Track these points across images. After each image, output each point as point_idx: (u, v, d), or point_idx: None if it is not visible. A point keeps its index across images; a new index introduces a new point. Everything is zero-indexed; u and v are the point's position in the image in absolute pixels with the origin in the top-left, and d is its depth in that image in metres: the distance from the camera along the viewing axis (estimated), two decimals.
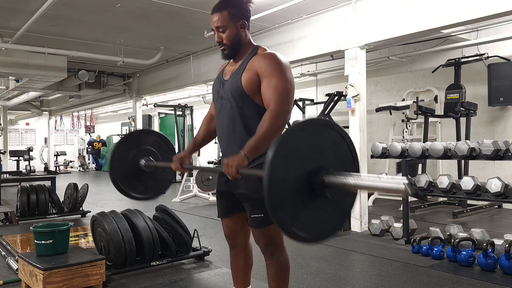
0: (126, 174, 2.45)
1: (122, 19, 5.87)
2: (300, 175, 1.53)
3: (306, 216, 1.55)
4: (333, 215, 1.63)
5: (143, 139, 2.52)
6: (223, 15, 1.96)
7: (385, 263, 3.59)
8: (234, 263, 2.27)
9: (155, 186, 2.54)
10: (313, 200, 1.55)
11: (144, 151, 2.47)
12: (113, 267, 3.21)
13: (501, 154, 3.59)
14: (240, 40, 2.01)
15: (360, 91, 4.81)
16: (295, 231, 1.52)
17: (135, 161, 2.43)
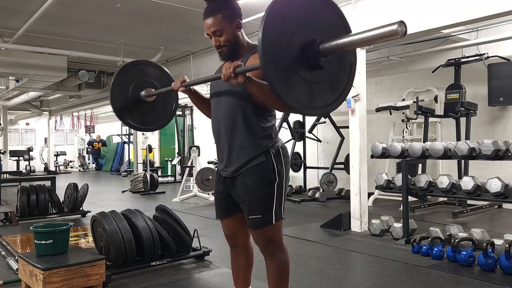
0: (126, 102, 2.46)
1: (122, 19, 5.87)
2: (295, 43, 1.52)
3: (299, 85, 1.55)
4: (326, 90, 1.64)
5: (145, 71, 2.54)
6: (217, 18, 1.94)
7: (385, 263, 3.59)
8: (235, 263, 2.27)
9: (155, 119, 2.57)
10: (308, 71, 1.55)
11: (146, 82, 2.49)
12: (113, 267, 3.21)
13: (501, 154, 3.59)
14: (238, 40, 2.00)
15: (360, 91, 4.81)
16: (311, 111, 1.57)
17: (136, 93, 2.44)
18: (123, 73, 2.49)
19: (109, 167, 16.28)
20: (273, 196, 1.96)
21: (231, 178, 2.05)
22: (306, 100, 1.57)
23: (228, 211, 2.15)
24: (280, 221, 2.02)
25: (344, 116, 7.44)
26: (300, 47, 1.54)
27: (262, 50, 1.46)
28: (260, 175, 1.96)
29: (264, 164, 1.97)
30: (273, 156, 1.99)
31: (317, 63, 1.56)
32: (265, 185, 1.97)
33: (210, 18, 1.96)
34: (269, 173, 1.97)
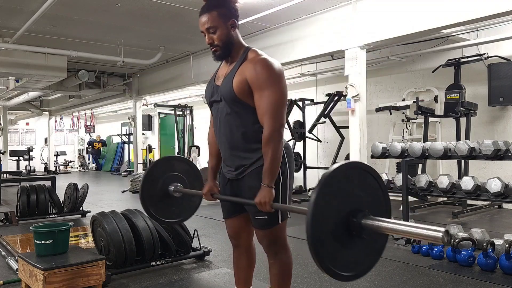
0: (157, 201, 2.54)
1: (122, 19, 5.87)
2: (340, 215, 1.58)
3: (343, 255, 1.61)
4: (366, 255, 1.68)
5: (171, 166, 2.63)
6: (212, 15, 1.93)
7: (385, 263, 3.59)
8: (237, 263, 2.27)
9: (184, 211, 2.65)
10: (349, 240, 1.61)
11: (172, 177, 2.58)
12: (113, 267, 3.21)
13: (501, 154, 3.59)
14: (232, 40, 1.98)
15: (360, 91, 4.81)
16: (333, 269, 1.59)
17: (164, 187, 2.53)
18: (153, 170, 2.57)
19: (109, 167, 16.28)
20: (278, 197, 1.96)
21: (236, 180, 2.06)
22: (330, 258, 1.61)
23: (233, 211, 2.16)
24: (285, 221, 2.04)
25: (344, 116, 7.44)
26: (345, 216, 1.59)
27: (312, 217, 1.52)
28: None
29: None
30: None
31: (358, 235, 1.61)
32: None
33: (205, 14, 1.95)
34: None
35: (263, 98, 1.88)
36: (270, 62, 1.90)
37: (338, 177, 1.59)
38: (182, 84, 8.79)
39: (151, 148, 10.62)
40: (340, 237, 1.59)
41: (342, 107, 7.08)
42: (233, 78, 1.93)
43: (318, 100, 8.58)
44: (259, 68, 1.88)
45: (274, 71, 1.89)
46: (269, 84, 1.87)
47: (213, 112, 2.12)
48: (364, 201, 1.63)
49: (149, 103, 11.69)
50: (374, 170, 1.70)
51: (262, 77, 1.87)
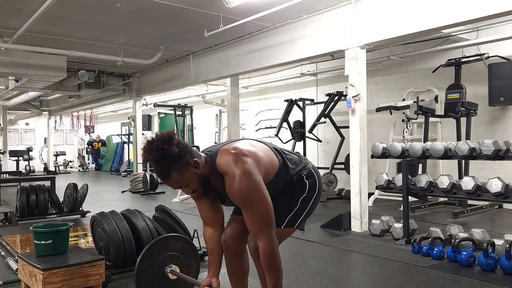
0: (152, 284, 2.61)
1: (122, 19, 5.86)
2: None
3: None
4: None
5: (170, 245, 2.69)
6: (174, 177, 1.87)
7: (385, 263, 3.59)
8: (231, 268, 2.26)
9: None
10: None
11: (169, 256, 2.66)
12: (112, 267, 3.20)
13: (502, 154, 3.58)
14: (204, 175, 1.94)
15: (360, 91, 4.81)
16: None
17: (159, 269, 2.61)
18: (149, 252, 2.60)
19: (109, 167, 16.27)
20: (294, 207, 2.07)
21: None
22: None
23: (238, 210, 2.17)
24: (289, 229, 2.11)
25: (344, 116, 7.43)
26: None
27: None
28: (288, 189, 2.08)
29: (294, 181, 2.10)
30: (305, 177, 2.12)
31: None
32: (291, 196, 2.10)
33: (168, 181, 1.89)
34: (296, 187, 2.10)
35: (252, 215, 1.90)
36: (240, 180, 1.84)
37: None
38: (182, 84, 8.79)
39: None
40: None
41: (342, 107, 7.07)
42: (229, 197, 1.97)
43: (318, 100, 8.57)
44: (233, 192, 1.88)
45: (247, 187, 1.85)
46: (247, 203, 1.89)
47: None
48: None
49: (149, 103, 11.69)
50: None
51: (238, 198, 1.89)
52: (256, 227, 1.90)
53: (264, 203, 1.89)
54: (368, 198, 5.00)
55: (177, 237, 2.81)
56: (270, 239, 1.90)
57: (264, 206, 1.89)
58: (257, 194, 1.88)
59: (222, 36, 6.31)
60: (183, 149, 1.87)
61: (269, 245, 1.89)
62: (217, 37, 6.21)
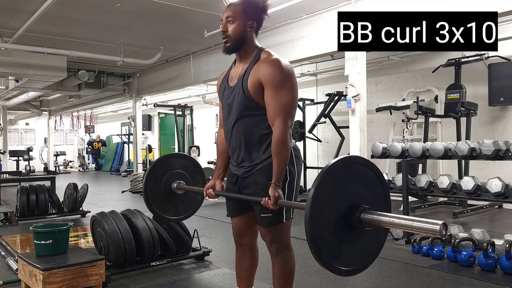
0: (160, 199, 2.57)
1: (122, 19, 5.87)
2: (339, 211, 1.60)
3: (342, 249, 1.61)
4: (366, 249, 1.69)
5: (173, 163, 2.64)
6: (237, 8, 2.00)
7: (385, 263, 3.59)
8: (240, 263, 2.27)
9: (186, 207, 2.69)
10: (349, 234, 1.62)
11: (175, 174, 2.61)
12: (113, 267, 3.20)
13: (502, 154, 3.58)
14: (245, 38, 2.01)
15: (360, 91, 4.81)
16: (332, 264, 1.58)
17: (167, 185, 2.57)
18: (153, 171, 2.60)
19: (109, 167, 16.27)
20: (284, 195, 1.98)
21: (243, 178, 2.08)
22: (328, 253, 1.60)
23: (239, 209, 2.17)
24: (289, 221, 2.05)
25: (344, 116, 7.43)
26: (344, 210, 1.61)
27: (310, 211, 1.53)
28: (271, 174, 1.97)
29: None
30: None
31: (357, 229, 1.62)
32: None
33: (232, 6, 2.02)
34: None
35: (276, 98, 1.91)
36: (283, 63, 1.94)
37: (337, 172, 1.60)
38: (182, 84, 8.79)
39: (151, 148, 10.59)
40: (339, 232, 1.60)
41: (342, 107, 7.07)
42: (247, 79, 1.96)
43: (318, 100, 8.57)
44: (272, 68, 1.92)
45: (287, 71, 1.93)
46: (282, 84, 1.91)
47: (224, 112, 2.13)
48: (364, 196, 1.64)
49: (149, 103, 11.68)
50: (374, 165, 1.71)
51: (275, 77, 1.90)
52: (276, 111, 1.91)
53: (292, 94, 1.93)
54: None
55: (180, 155, 2.81)
56: (286, 126, 1.91)
57: (290, 95, 1.92)
58: (289, 81, 1.93)
59: None
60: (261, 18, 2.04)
61: (283, 131, 1.90)
62: (217, 37, 6.20)
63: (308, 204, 1.52)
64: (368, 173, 1.68)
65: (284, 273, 2.07)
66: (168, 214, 2.64)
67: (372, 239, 1.68)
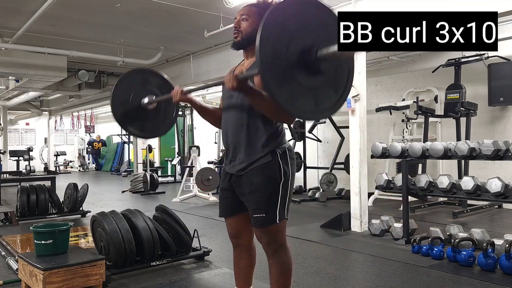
0: (128, 109, 2.53)
1: (122, 19, 5.87)
2: (293, 51, 1.53)
3: (302, 93, 1.56)
4: (329, 91, 1.65)
5: (146, 79, 2.58)
6: (252, 8, 2.05)
7: (385, 263, 3.59)
8: (237, 263, 2.27)
9: (156, 126, 2.64)
10: (308, 77, 1.56)
11: (147, 91, 2.55)
12: (113, 267, 3.20)
13: (501, 154, 3.59)
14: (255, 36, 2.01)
15: (360, 91, 4.81)
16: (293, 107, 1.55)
17: (136, 99, 2.51)
18: (123, 81, 2.56)
19: (109, 167, 16.28)
20: (278, 196, 1.98)
21: (237, 177, 2.07)
22: (312, 106, 1.59)
23: (233, 210, 2.16)
24: (283, 221, 2.04)
25: (344, 116, 7.43)
26: (298, 53, 1.55)
27: (260, 59, 1.47)
28: (266, 174, 1.98)
29: (270, 163, 1.99)
30: (279, 157, 2.01)
31: (317, 69, 1.57)
32: (271, 184, 1.99)
33: (247, 5, 2.07)
34: (274, 172, 1.99)
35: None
36: None
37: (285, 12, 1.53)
38: (182, 84, 8.76)
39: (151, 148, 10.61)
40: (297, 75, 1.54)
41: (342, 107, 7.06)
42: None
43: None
44: None
45: None
46: None
47: (225, 104, 2.13)
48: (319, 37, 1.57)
49: None
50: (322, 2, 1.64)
51: None
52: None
53: None
54: (368, 198, 5.00)
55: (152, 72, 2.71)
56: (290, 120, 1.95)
57: None
58: None
59: (222, 36, 6.31)
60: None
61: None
62: (217, 37, 6.21)
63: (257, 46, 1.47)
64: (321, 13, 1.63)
65: (282, 274, 2.07)
66: (137, 129, 2.61)
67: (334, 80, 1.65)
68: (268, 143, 1.99)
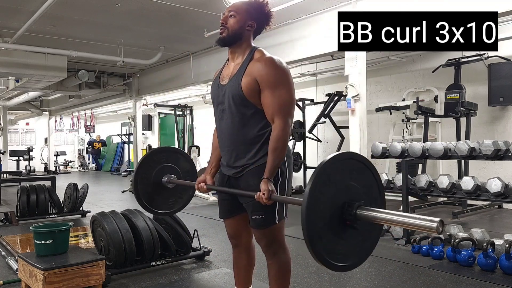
0: (150, 193, 2.57)
1: (122, 19, 5.87)
2: (334, 207, 1.59)
3: (338, 245, 1.62)
4: (362, 245, 1.69)
5: (164, 157, 2.63)
6: (241, 5, 2.04)
7: (385, 263, 3.59)
8: (237, 263, 2.27)
9: (177, 201, 2.69)
10: (345, 230, 1.62)
11: (165, 168, 2.60)
12: (113, 267, 3.20)
13: (501, 154, 3.59)
14: (242, 34, 2.02)
15: (360, 91, 4.81)
16: (328, 260, 1.58)
17: (157, 178, 2.55)
18: (145, 163, 2.59)
19: (109, 167, 16.28)
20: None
21: (234, 179, 2.06)
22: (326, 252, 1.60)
23: (231, 211, 2.16)
24: (282, 221, 2.04)
25: (344, 116, 7.43)
26: (340, 206, 1.60)
27: (307, 206, 1.52)
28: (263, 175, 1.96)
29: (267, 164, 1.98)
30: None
31: (352, 225, 1.62)
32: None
33: (236, 2, 2.07)
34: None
35: (274, 97, 1.90)
36: (278, 61, 1.94)
37: (333, 167, 1.60)
38: (182, 84, 8.79)
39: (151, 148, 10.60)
40: (336, 228, 1.60)
41: (342, 107, 7.07)
42: (241, 78, 1.95)
43: (318, 100, 8.57)
44: (269, 67, 1.92)
45: (282, 70, 1.94)
46: (279, 83, 1.91)
47: (217, 112, 2.11)
48: (359, 192, 1.64)
49: (149, 103, 11.69)
50: (369, 161, 1.72)
51: (271, 77, 1.91)
52: (275, 110, 1.91)
53: (290, 92, 1.93)
54: None
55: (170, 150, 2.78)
56: (286, 124, 1.91)
57: (288, 93, 1.93)
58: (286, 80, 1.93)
59: None
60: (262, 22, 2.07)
61: (284, 129, 1.90)
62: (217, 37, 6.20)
63: (304, 200, 1.52)
64: (363, 170, 1.69)
65: (281, 274, 2.07)
66: (158, 208, 2.62)
67: (367, 235, 1.69)
68: (263, 146, 1.98)
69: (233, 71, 2.02)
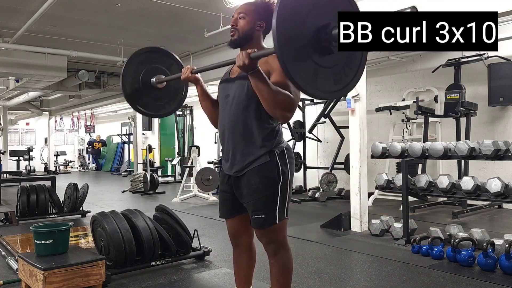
0: (138, 89, 2.51)
1: (122, 19, 5.87)
2: (309, 31, 1.54)
3: (307, 64, 1.56)
4: (331, 77, 1.65)
5: (156, 58, 2.60)
6: (249, 6, 2.05)
7: (385, 263, 3.59)
8: (237, 263, 2.27)
9: (166, 105, 2.64)
10: (318, 54, 1.57)
11: (157, 69, 2.56)
12: (113, 267, 3.20)
13: (501, 154, 3.59)
14: (252, 35, 2.04)
15: (360, 91, 4.81)
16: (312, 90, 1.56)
17: (146, 77, 2.51)
18: (134, 60, 2.54)
19: (109, 167, 16.28)
20: (277, 196, 1.97)
21: (235, 178, 2.06)
22: (309, 79, 1.57)
23: (232, 211, 2.16)
24: (283, 221, 2.03)
25: (344, 116, 7.44)
26: (314, 29, 1.56)
27: (277, 36, 1.47)
28: (264, 175, 1.97)
29: (268, 164, 1.98)
30: (277, 157, 2.00)
31: (328, 47, 1.58)
32: (269, 185, 1.98)
33: (245, 4, 2.08)
34: (273, 173, 1.98)
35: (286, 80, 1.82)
36: None
37: None
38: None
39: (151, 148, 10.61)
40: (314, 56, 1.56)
41: (342, 107, 7.08)
42: None
43: (318, 100, 8.57)
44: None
45: None
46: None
47: (221, 104, 2.11)
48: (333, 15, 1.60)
49: None
50: None
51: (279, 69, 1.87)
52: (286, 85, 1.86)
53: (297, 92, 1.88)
54: (368, 198, 5.00)
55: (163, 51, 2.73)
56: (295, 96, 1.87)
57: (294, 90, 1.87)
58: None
59: (222, 36, 6.31)
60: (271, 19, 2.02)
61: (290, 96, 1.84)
62: (217, 37, 6.21)
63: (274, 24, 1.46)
64: None
65: (282, 274, 2.07)
66: (144, 107, 2.56)
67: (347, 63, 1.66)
68: (265, 143, 1.98)
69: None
